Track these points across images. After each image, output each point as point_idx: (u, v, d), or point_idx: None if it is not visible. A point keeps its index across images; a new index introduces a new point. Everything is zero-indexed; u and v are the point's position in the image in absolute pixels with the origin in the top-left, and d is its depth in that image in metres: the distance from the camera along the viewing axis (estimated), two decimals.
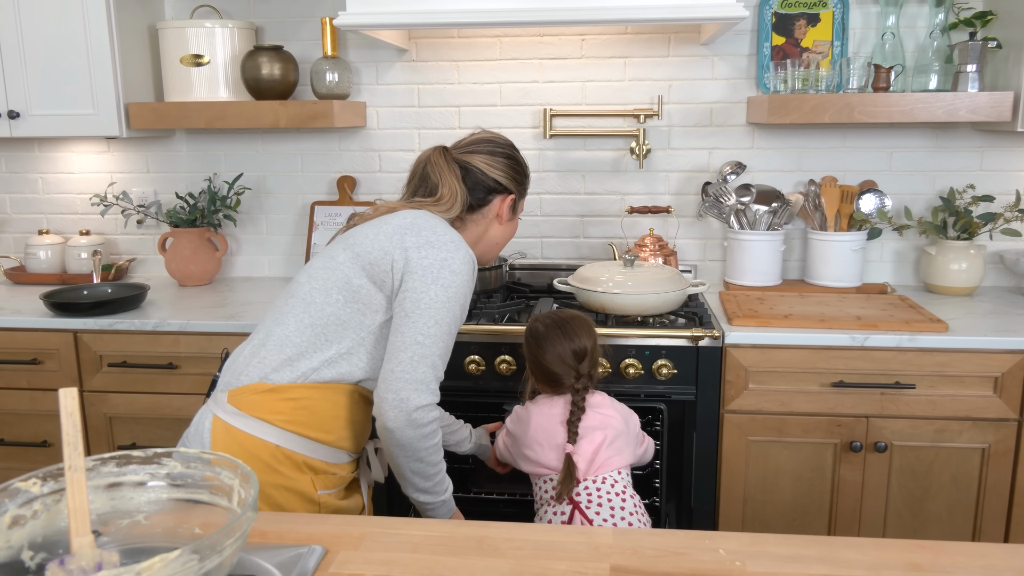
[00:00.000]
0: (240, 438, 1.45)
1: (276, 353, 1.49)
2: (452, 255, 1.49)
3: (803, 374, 2.12)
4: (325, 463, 1.50)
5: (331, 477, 1.52)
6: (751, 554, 1.07)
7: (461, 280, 1.49)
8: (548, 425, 1.73)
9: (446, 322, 1.47)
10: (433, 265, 1.47)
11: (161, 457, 1.01)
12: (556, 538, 1.12)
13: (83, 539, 0.87)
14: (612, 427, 1.73)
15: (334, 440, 1.50)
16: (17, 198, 2.96)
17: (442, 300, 1.46)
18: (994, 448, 2.10)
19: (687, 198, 2.71)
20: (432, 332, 1.45)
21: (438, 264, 1.48)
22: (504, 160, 1.67)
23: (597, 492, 1.68)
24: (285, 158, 2.83)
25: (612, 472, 1.71)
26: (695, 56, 2.62)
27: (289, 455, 1.45)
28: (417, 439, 1.44)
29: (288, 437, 1.46)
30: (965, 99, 2.25)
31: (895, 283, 2.68)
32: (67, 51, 2.47)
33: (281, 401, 1.46)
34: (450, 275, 1.47)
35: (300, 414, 1.46)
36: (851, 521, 2.18)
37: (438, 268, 1.47)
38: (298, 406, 1.46)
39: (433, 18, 2.14)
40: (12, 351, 2.33)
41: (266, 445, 1.45)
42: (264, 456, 1.44)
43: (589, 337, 1.75)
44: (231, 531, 0.84)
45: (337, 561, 1.07)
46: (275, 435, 1.45)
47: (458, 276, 1.48)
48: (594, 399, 1.77)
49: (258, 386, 1.47)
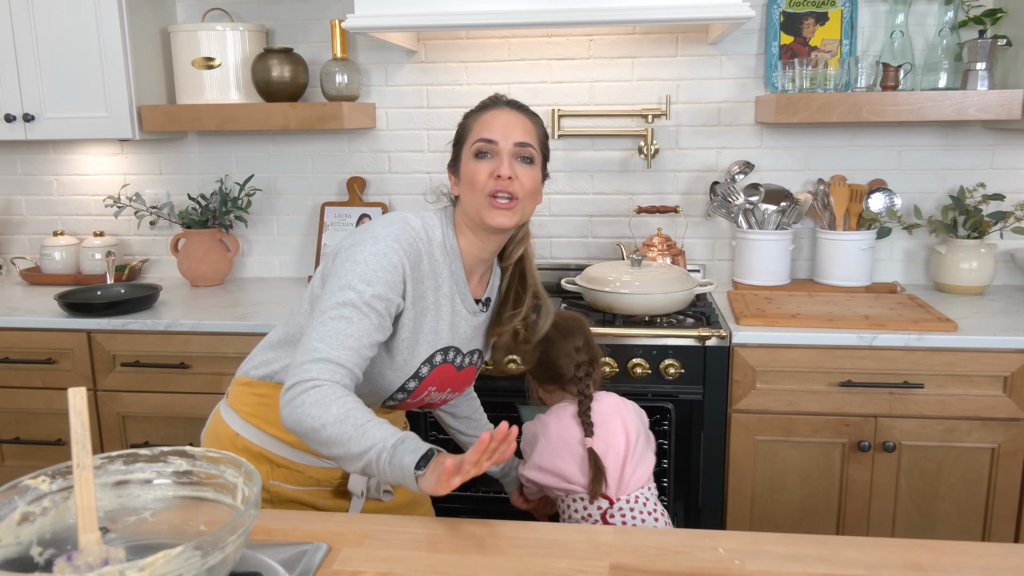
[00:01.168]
0: (215, 422, 1.57)
1: (259, 353, 1.56)
2: (363, 248, 1.35)
3: (811, 374, 2.11)
4: (286, 459, 1.49)
5: (297, 474, 1.50)
6: (751, 553, 1.08)
7: (364, 268, 1.33)
8: (566, 433, 1.66)
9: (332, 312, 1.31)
10: (338, 264, 1.37)
11: (167, 455, 1.03)
12: (557, 536, 1.13)
13: (90, 535, 0.89)
14: (631, 431, 1.68)
15: (295, 441, 1.47)
16: (32, 200, 2.99)
17: (333, 290, 1.33)
18: (1004, 448, 2.09)
19: (695, 198, 2.71)
20: (316, 320, 1.32)
21: (344, 257, 1.36)
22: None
23: (631, 512, 1.63)
24: (295, 159, 2.86)
25: (642, 490, 1.66)
26: (703, 56, 2.62)
27: (247, 444, 1.50)
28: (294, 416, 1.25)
29: (248, 428, 1.50)
30: (975, 97, 2.24)
31: (905, 282, 2.67)
32: (80, 55, 2.50)
33: (249, 395, 1.53)
34: (352, 265, 1.34)
35: (262, 409, 1.50)
36: (859, 521, 2.17)
37: (344, 261, 1.36)
38: (261, 402, 1.51)
39: (441, 20, 2.15)
40: (27, 351, 2.37)
41: (228, 431, 1.52)
42: (224, 441, 1.52)
43: (581, 333, 1.74)
44: (234, 528, 0.86)
45: (340, 558, 1.09)
46: (238, 424, 1.51)
47: (360, 265, 1.33)
48: (605, 404, 1.70)
49: (240, 379, 1.57)
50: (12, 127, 2.56)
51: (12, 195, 3.00)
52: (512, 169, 1.42)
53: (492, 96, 1.52)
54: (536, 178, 1.46)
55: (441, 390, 1.54)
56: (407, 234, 1.39)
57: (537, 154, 1.46)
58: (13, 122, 2.56)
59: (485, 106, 1.49)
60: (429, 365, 1.46)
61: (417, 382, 1.47)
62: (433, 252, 1.44)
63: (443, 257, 1.46)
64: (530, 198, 1.46)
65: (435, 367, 1.47)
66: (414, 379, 1.46)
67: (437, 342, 1.46)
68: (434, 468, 1.16)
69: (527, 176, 1.44)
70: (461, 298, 1.49)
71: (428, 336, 1.45)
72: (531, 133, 1.46)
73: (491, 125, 1.44)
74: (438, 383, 1.51)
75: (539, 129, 1.49)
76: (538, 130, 1.49)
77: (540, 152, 1.48)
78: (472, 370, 1.59)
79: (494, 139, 1.42)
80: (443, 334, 1.47)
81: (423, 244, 1.42)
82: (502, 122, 1.44)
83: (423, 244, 1.42)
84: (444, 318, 1.46)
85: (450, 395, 1.58)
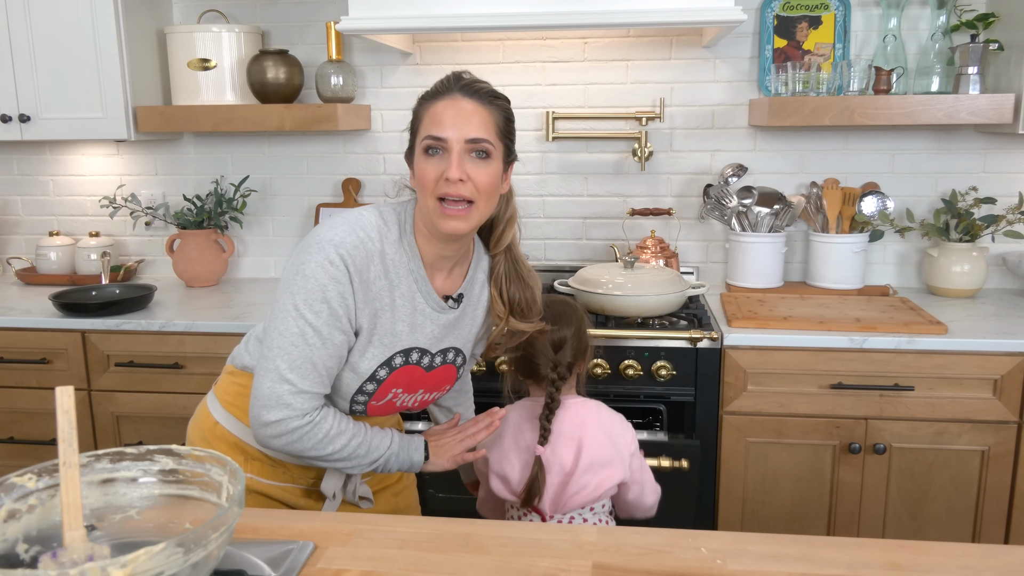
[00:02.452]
0: (200, 410, 1.57)
1: (246, 342, 1.55)
2: (309, 257, 1.32)
3: (802, 376, 2.12)
4: (262, 452, 1.47)
5: (271, 468, 1.48)
6: (732, 552, 1.08)
7: (313, 283, 1.30)
8: (519, 436, 1.56)
9: (292, 331, 1.31)
10: (289, 270, 1.35)
11: (154, 454, 1.03)
12: (540, 535, 1.14)
13: (75, 533, 0.89)
14: (587, 452, 1.52)
15: None
16: (28, 200, 3.00)
17: (288, 307, 1.32)
18: (994, 451, 2.10)
19: (689, 200, 2.72)
20: (275, 343, 1.32)
21: (293, 269, 1.33)
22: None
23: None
24: (291, 161, 2.87)
25: (583, 510, 1.55)
26: (697, 59, 2.63)
27: (224, 433, 1.49)
28: (286, 447, 1.35)
29: (228, 417, 1.50)
30: (966, 101, 2.25)
31: (897, 285, 2.68)
32: (77, 56, 2.51)
33: (232, 384, 1.52)
34: (300, 279, 1.31)
35: (242, 400, 1.48)
36: (850, 523, 2.18)
37: (293, 273, 1.33)
38: (242, 392, 1.49)
39: (436, 22, 2.16)
40: (22, 351, 2.38)
41: (209, 419, 1.52)
42: (205, 429, 1.52)
43: (570, 325, 1.58)
44: (217, 525, 0.87)
45: (326, 557, 1.10)
46: (219, 413, 1.51)
47: (309, 279, 1.30)
48: (573, 416, 1.56)
49: (227, 367, 1.56)
50: (8, 127, 2.57)
51: (8, 195, 3.01)
52: (463, 169, 1.31)
53: (448, 78, 1.38)
54: (494, 174, 1.35)
55: (410, 391, 1.47)
56: (352, 236, 1.32)
57: (495, 147, 1.34)
58: (9, 122, 2.56)
59: (437, 92, 1.36)
60: (388, 368, 1.40)
61: (375, 384, 1.41)
62: (386, 251, 1.36)
63: (400, 255, 1.38)
64: (487, 197, 1.35)
65: (395, 369, 1.41)
66: (371, 382, 1.40)
67: (395, 344, 1.39)
68: (435, 452, 1.49)
69: (482, 174, 1.32)
70: (424, 296, 1.41)
71: (384, 339, 1.38)
72: (487, 124, 1.33)
73: (441, 119, 1.32)
74: (404, 384, 1.45)
75: (498, 116, 1.36)
76: (496, 118, 1.36)
77: (501, 142, 1.36)
78: (447, 370, 1.50)
79: (443, 136, 1.31)
80: (401, 336, 1.40)
81: (373, 244, 1.34)
82: (453, 115, 1.32)
83: (373, 244, 1.34)
84: (402, 319, 1.39)
85: (426, 396, 1.51)
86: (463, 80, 1.36)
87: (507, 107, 1.40)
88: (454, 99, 1.34)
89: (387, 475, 1.64)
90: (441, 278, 1.45)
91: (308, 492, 1.52)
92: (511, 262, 1.50)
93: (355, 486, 1.50)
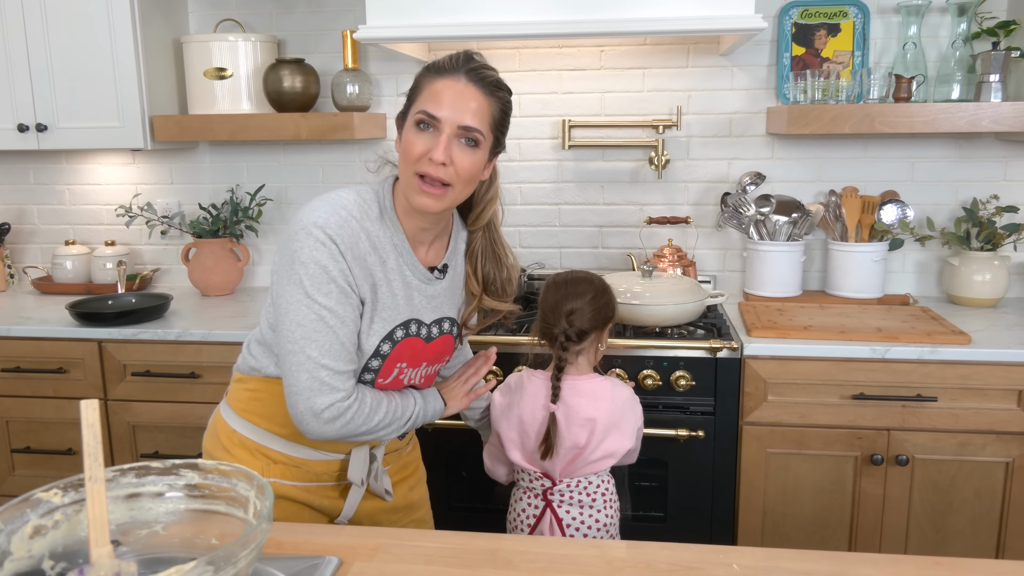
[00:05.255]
0: (214, 420, 1.57)
1: (248, 348, 1.55)
2: (299, 244, 1.32)
3: (823, 386, 2.10)
4: (284, 455, 1.49)
5: (295, 469, 1.49)
6: (765, 569, 1.07)
7: (314, 267, 1.31)
8: (533, 400, 1.70)
9: (309, 319, 1.32)
10: (283, 262, 1.34)
11: (179, 468, 1.02)
12: (568, 551, 1.12)
13: (102, 549, 0.88)
14: (599, 425, 1.66)
15: (289, 434, 1.48)
16: (44, 209, 3.01)
17: (297, 297, 1.32)
18: (1018, 462, 2.07)
19: (706, 208, 2.71)
20: (297, 335, 1.32)
21: (288, 259, 1.33)
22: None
23: (571, 494, 1.70)
24: (306, 169, 2.86)
25: (591, 475, 1.70)
26: (714, 67, 2.62)
27: (243, 440, 1.50)
28: (342, 430, 1.36)
29: (244, 424, 1.50)
30: (988, 109, 2.23)
31: (917, 294, 2.65)
32: (93, 65, 2.52)
33: (243, 390, 1.53)
34: (300, 267, 1.31)
35: (255, 404, 1.50)
36: (872, 535, 2.16)
37: (288, 263, 1.33)
38: (253, 397, 1.50)
39: (453, 31, 2.16)
40: (38, 360, 2.37)
41: (225, 428, 1.53)
42: (222, 437, 1.52)
43: (585, 295, 1.67)
44: (246, 542, 0.86)
45: (352, 572, 1.08)
46: (235, 420, 1.52)
47: (308, 265, 1.31)
48: (590, 387, 1.68)
49: (235, 376, 1.57)
50: (25, 137, 2.58)
51: (24, 204, 3.02)
52: (448, 153, 1.32)
53: (457, 56, 1.37)
54: (477, 163, 1.36)
55: (414, 365, 1.48)
56: (335, 216, 1.33)
57: (485, 138, 1.35)
58: (26, 132, 2.57)
59: (443, 69, 1.36)
60: (390, 342, 1.41)
61: (380, 360, 1.42)
62: (369, 228, 1.37)
63: (383, 230, 1.39)
64: (465, 183, 1.37)
65: (397, 343, 1.42)
66: (376, 357, 1.41)
67: (396, 317, 1.41)
68: (448, 396, 1.57)
69: (465, 161, 1.34)
70: (410, 269, 1.43)
71: (384, 312, 1.40)
72: (483, 114, 1.34)
73: (439, 98, 1.32)
74: (408, 358, 1.46)
75: (496, 108, 1.37)
76: (494, 109, 1.37)
77: (492, 133, 1.37)
78: (445, 340, 1.53)
79: (437, 116, 1.31)
80: (400, 308, 1.42)
81: (356, 223, 1.35)
82: (452, 97, 1.32)
83: (356, 223, 1.35)
84: (397, 291, 1.41)
85: (429, 369, 1.53)
86: (472, 63, 1.36)
87: (507, 100, 1.41)
88: (458, 80, 1.34)
89: (404, 469, 1.68)
90: (423, 251, 1.47)
91: (330, 491, 1.54)
92: (488, 240, 1.53)
93: (378, 473, 1.54)
